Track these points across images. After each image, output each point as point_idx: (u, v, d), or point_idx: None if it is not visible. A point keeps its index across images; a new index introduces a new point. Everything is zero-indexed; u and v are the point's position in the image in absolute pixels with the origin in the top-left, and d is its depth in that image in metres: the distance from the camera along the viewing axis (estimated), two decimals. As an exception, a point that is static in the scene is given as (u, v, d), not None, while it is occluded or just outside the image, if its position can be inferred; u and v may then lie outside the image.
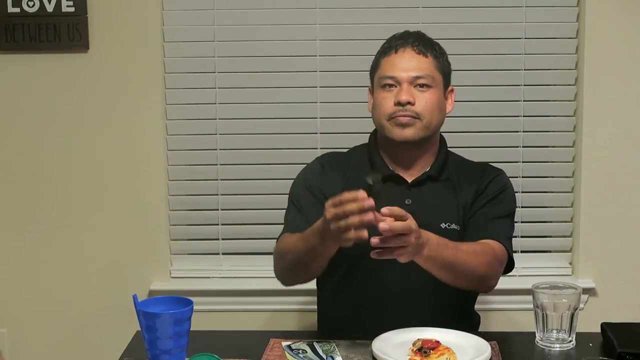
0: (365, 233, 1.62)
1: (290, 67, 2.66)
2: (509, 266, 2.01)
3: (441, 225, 1.97)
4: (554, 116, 2.70)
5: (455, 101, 2.63)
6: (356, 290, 2.00)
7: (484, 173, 2.06)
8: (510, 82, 2.66)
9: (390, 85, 1.97)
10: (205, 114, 2.69)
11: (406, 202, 1.99)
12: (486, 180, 2.04)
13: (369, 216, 1.61)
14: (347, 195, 1.62)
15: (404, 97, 1.93)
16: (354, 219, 1.61)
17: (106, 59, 2.62)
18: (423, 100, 1.95)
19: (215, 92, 2.68)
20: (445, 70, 2.04)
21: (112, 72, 2.63)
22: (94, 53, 2.62)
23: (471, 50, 2.65)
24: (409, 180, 2.01)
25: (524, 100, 2.67)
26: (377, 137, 2.05)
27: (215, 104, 2.68)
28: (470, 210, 2.01)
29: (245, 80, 2.68)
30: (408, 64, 1.97)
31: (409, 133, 1.95)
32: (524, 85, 2.66)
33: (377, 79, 2.01)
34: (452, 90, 2.07)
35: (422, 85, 1.96)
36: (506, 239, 2.00)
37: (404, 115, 1.94)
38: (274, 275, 2.71)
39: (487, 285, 1.96)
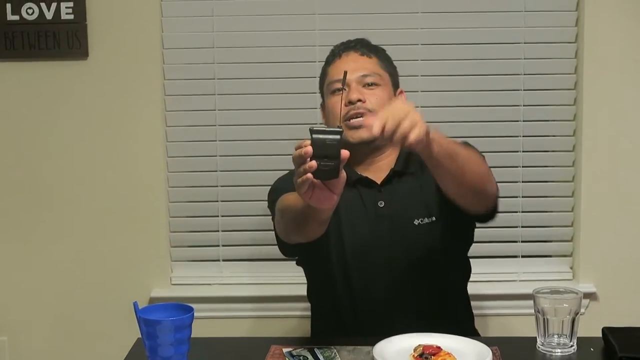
0: (309, 176, 1.53)
1: (290, 74, 2.67)
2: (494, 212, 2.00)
3: (414, 222, 1.97)
4: (554, 120, 2.70)
5: (455, 106, 2.66)
6: (343, 302, 2.00)
7: None
8: (510, 86, 2.66)
9: (340, 89, 1.98)
10: (205, 121, 2.70)
11: (379, 204, 1.99)
12: None
13: (310, 164, 1.53)
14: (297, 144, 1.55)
15: (354, 96, 1.94)
16: (299, 169, 1.56)
17: (105, 66, 2.63)
18: (373, 97, 1.96)
19: (214, 98, 2.68)
20: (391, 71, 2.05)
21: (111, 79, 2.64)
22: (93, 60, 2.62)
23: (470, 55, 2.65)
24: (378, 182, 2.01)
25: (523, 105, 2.67)
26: None
27: (214, 110, 2.69)
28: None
29: (245, 87, 2.68)
30: (354, 65, 1.99)
31: (364, 133, 1.94)
32: (524, 90, 2.66)
33: (326, 87, 2.03)
34: (401, 92, 2.08)
35: (370, 84, 1.98)
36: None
37: (357, 114, 1.94)
38: (274, 282, 2.74)
39: (486, 191, 1.86)
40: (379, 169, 2.02)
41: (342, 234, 1.99)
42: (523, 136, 2.68)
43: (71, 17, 2.58)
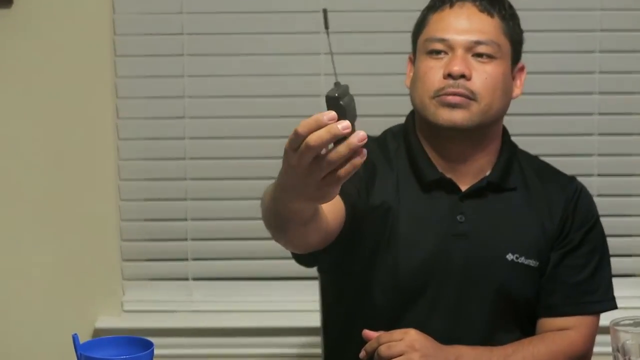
0: (358, 160, 1.29)
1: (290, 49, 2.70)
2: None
3: (507, 256, 1.95)
4: (637, 93, 2.73)
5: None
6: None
7: (563, 187, 2.05)
8: (582, 68, 2.70)
9: (439, 52, 1.94)
10: (169, 90, 2.71)
11: (458, 218, 1.96)
12: (570, 201, 2.02)
13: (359, 137, 1.27)
14: (305, 122, 1.29)
15: (456, 68, 1.90)
16: (338, 153, 1.27)
17: (35, 17, 2.63)
18: (483, 75, 1.92)
19: (183, 60, 2.69)
20: (515, 39, 2.00)
21: (42, 33, 2.64)
22: (18, 8, 2.62)
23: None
24: (463, 189, 1.97)
25: (599, 93, 2.69)
26: (417, 121, 2.02)
27: (182, 77, 2.70)
28: (555, 254, 1.99)
29: (221, 64, 2.70)
30: (466, 24, 1.94)
31: (458, 116, 1.90)
32: (600, 72, 2.69)
33: (422, 43, 1.98)
34: (522, 69, 2.04)
35: (482, 55, 1.93)
36: (603, 294, 2.02)
37: (455, 93, 1.90)
38: (261, 309, 2.74)
39: None
40: (466, 173, 1.98)
41: (397, 249, 1.95)
42: (599, 114, 2.70)
43: (-11, -51, 2.59)
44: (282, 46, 2.68)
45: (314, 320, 2.20)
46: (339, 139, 1.26)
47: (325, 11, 1.42)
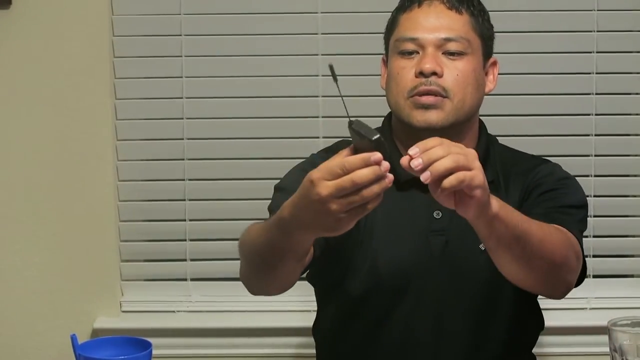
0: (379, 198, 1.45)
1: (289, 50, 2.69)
2: (581, 274, 1.93)
3: (480, 246, 1.93)
4: (634, 94, 2.73)
5: (507, 95, 2.63)
6: (369, 345, 1.99)
7: (531, 169, 2.04)
8: (578, 69, 2.68)
9: (411, 52, 1.95)
10: (168, 90, 2.70)
11: (434, 215, 1.97)
12: (539, 174, 2.01)
13: (389, 179, 1.45)
14: (354, 158, 1.44)
15: (427, 66, 1.91)
16: (372, 190, 1.45)
17: (34, 19, 2.62)
18: (454, 72, 1.93)
19: (181, 60, 2.69)
20: (485, 34, 2.01)
21: (42, 35, 2.63)
22: (17, 9, 2.62)
23: (519, 24, 2.66)
24: None
25: (595, 94, 2.68)
26: (393, 123, 2.03)
27: (181, 77, 2.69)
28: (522, 208, 1.95)
29: (220, 65, 2.69)
30: (435, 22, 1.96)
31: (433, 117, 1.92)
32: (596, 73, 2.68)
33: (393, 43, 2.00)
34: (494, 63, 2.05)
35: (453, 53, 1.95)
36: (578, 232, 1.93)
37: (428, 92, 1.91)
38: (260, 309, 2.73)
39: (564, 279, 1.85)
40: None
41: (377, 250, 1.96)
42: (595, 114, 2.68)
43: (-12, -50, 2.59)
44: (280, 48, 2.68)
45: (311, 320, 2.20)
46: None
47: (331, 66, 1.52)
